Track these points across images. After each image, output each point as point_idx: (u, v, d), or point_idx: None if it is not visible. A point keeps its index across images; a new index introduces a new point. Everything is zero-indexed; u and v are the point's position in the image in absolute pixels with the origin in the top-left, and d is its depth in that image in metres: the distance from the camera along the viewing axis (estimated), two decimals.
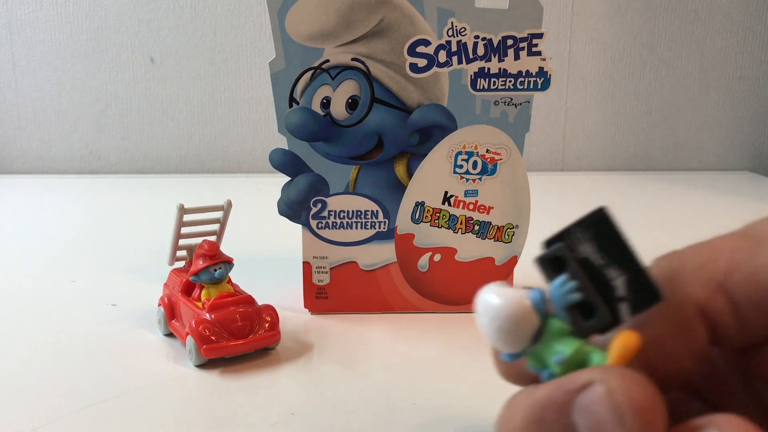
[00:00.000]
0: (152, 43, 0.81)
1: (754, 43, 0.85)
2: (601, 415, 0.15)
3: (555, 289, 0.17)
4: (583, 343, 0.17)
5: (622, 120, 0.86)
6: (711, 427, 0.15)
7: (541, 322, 0.18)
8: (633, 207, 0.69)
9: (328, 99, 0.37)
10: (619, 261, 0.17)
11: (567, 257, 0.17)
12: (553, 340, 0.17)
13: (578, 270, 0.17)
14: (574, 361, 0.17)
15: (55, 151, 0.84)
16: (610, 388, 0.15)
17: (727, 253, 0.17)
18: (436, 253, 0.39)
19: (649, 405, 0.15)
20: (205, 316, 0.33)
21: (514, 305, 0.17)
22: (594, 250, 0.17)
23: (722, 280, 0.17)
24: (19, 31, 0.81)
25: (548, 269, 0.18)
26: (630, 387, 0.15)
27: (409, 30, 0.36)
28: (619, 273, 0.17)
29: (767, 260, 0.16)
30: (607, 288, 0.17)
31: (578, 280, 0.17)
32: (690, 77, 0.85)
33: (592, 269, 0.17)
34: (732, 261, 0.17)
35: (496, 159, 0.38)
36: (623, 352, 0.16)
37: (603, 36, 0.83)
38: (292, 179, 0.38)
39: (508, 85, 0.37)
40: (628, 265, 0.17)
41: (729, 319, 0.17)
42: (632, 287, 0.17)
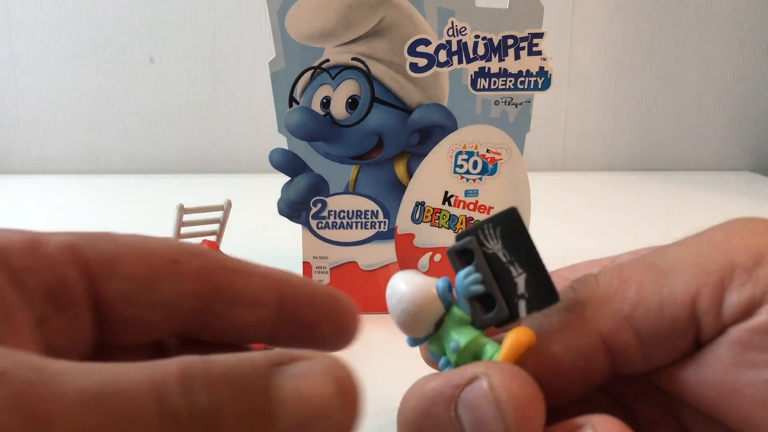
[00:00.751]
0: (152, 43, 0.81)
1: (754, 42, 0.85)
2: (482, 409, 0.16)
3: (459, 280, 0.18)
4: (480, 334, 0.18)
5: (622, 120, 0.86)
6: (587, 427, 0.16)
7: (444, 310, 0.18)
8: (633, 207, 0.69)
9: (328, 99, 0.36)
10: (522, 260, 0.18)
11: (475, 250, 0.18)
12: (452, 329, 0.18)
13: (484, 264, 0.18)
14: (468, 351, 0.18)
15: (54, 151, 0.84)
16: (492, 384, 0.16)
17: (634, 285, 0.17)
18: (437, 253, 0.39)
19: (529, 402, 0.16)
20: None
21: (419, 292, 0.18)
22: (501, 247, 0.18)
23: (629, 313, 0.17)
24: (19, 31, 0.80)
25: (457, 261, 0.19)
26: (511, 383, 0.16)
27: (410, 29, 0.36)
28: (522, 271, 0.18)
29: (671, 293, 0.17)
30: (509, 284, 0.18)
31: (482, 273, 0.18)
32: (690, 77, 0.85)
33: (497, 265, 0.18)
34: (638, 294, 0.17)
35: (497, 159, 0.38)
36: (515, 346, 0.17)
37: (603, 36, 0.83)
38: (292, 179, 0.38)
39: (508, 84, 0.37)
40: (530, 265, 0.18)
41: (634, 350, 0.18)
42: (532, 286, 0.18)
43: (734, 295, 0.17)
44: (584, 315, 0.18)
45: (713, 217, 0.46)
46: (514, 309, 0.18)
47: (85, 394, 0.12)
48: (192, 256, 0.19)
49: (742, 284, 0.17)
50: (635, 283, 0.17)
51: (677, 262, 0.17)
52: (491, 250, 0.18)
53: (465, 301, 0.18)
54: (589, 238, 0.57)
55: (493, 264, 0.18)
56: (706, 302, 0.17)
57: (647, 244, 0.23)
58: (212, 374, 0.13)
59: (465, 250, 0.18)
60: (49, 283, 0.17)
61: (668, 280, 0.17)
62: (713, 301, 0.17)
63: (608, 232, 0.59)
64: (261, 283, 0.19)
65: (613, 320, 0.17)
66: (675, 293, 0.17)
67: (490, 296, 0.18)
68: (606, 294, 0.18)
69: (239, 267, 0.19)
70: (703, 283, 0.17)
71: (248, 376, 0.14)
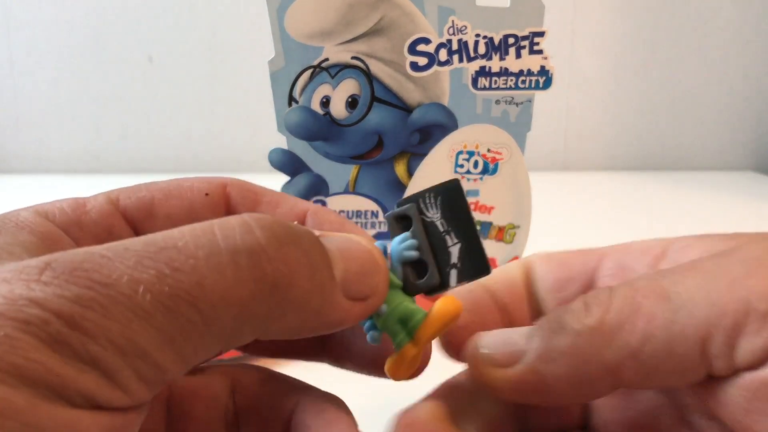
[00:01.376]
0: (150, 42, 0.81)
1: (756, 41, 0.85)
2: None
3: (395, 245, 0.18)
4: (410, 300, 0.18)
5: (623, 119, 0.86)
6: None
7: None
8: (634, 206, 0.69)
9: (328, 98, 0.36)
10: (459, 231, 0.18)
11: (414, 217, 0.18)
12: None
13: (421, 231, 0.18)
14: (394, 315, 0.18)
15: (53, 150, 0.84)
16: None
17: (644, 317, 0.17)
18: None
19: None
20: None
21: None
22: (440, 217, 0.18)
23: (636, 348, 0.16)
24: (17, 30, 0.80)
25: (395, 227, 0.19)
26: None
27: (410, 28, 0.35)
28: (457, 242, 0.18)
29: (682, 331, 0.16)
30: (444, 253, 0.18)
31: (418, 240, 0.18)
32: (692, 76, 0.85)
33: (434, 234, 0.18)
34: (648, 327, 0.17)
35: (497, 158, 0.38)
36: (440, 314, 0.17)
37: (605, 35, 0.83)
38: (292, 179, 0.38)
39: (509, 84, 0.36)
40: (466, 236, 0.18)
41: (639, 381, 0.17)
42: (465, 257, 0.18)
43: (748, 343, 0.16)
44: (591, 342, 0.17)
45: (715, 217, 0.45)
46: (445, 278, 0.18)
47: (137, 254, 0.14)
48: (222, 186, 0.21)
49: (756, 332, 0.16)
50: (646, 315, 0.17)
51: (691, 294, 0.17)
52: (430, 219, 0.18)
53: (398, 265, 0.18)
54: (590, 238, 0.57)
55: (430, 232, 0.18)
56: (717, 346, 0.16)
57: None
58: (267, 219, 0.15)
59: (404, 216, 0.19)
60: (98, 233, 0.18)
61: (680, 317, 0.16)
62: (725, 346, 0.16)
63: (609, 231, 0.59)
64: (288, 214, 0.21)
65: (618, 353, 0.17)
66: (686, 333, 0.16)
67: (423, 263, 0.18)
68: (615, 322, 0.17)
69: (269, 198, 0.21)
70: (715, 325, 0.16)
71: (300, 229, 0.16)
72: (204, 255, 0.14)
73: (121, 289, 0.13)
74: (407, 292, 0.18)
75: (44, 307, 0.12)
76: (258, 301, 0.14)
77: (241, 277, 0.14)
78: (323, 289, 0.16)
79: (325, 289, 0.16)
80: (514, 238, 0.39)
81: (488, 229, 0.39)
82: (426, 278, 0.18)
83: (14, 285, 0.13)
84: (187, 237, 0.14)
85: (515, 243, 0.39)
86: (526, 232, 0.39)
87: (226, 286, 0.14)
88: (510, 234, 0.39)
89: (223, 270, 0.14)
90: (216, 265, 0.14)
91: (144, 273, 0.13)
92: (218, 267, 0.14)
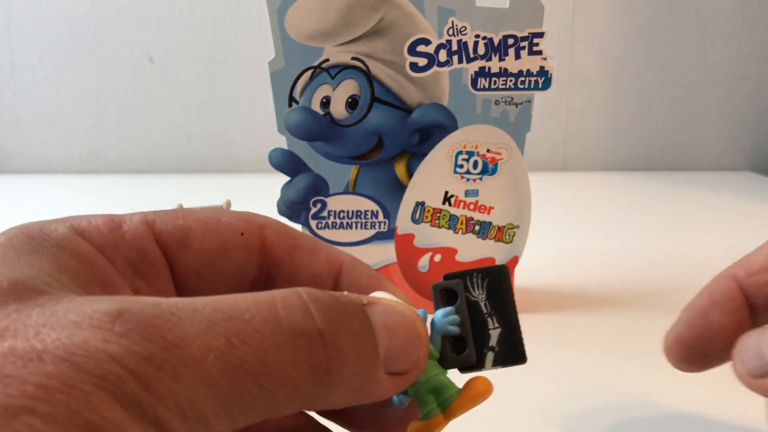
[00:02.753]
0: (151, 43, 0.81)
1: (755, 42, 0.85)
2: None
3: (438, 316, 0.19)
4: (443, 373, 0.19)
5: (623, 119, 0.86)
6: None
7: None
8: (633, 206, 0.69)
9: (328, 98, 0.36)
10: (501, 316, 0.18)
11: (460, 293, 0.19)
12: None
13: (464, 308, 0.19)
14: (428, 386, 0.18)
15: (53, 150, 0.84)
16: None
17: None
18: (437, 254, 0.39)
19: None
20: None
21: None
22: (485, 298, 0.19)
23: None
24: (18, 30, 0.80)
25: (439, 298, 0.19)
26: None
27: (410, 29, 0.35)
28: (498, 326, 0.18)
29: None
30: (483, 334, 0.19)
31: (461, 317, 0.19)
32: (691, 76, 0.85)
33: (477, 313, 0.19)
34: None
35: (497, 159, 0.38)
36: (472, 395, 0.18)
37: (604, 35, 0.83)
38: (292, 179, 0.38)
39: (508, 84, 0.36)
40: (507, 323, 0.18)
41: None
42: (503, 342, 0.18)
43: None
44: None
45: (714, 217, 0.45)
46: (481, 359, 0.18)
47: (207, 320, 0.14)
48: (259, 228, 0.20)
49: None
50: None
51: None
52: (474, 298, 0.19)
53: (438, 337, 0.19)
54: (589, 238, 0.57)
55: (473, 311, 0.19)
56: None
57: (647, 244, 0.23)
58: (322, 298, 0.16)
59: (450, 291, 0.19)
60: (132, 257, 0.18)
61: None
62: None
63: (608, 232, 0.59)
64: (322, 264, 0.21)
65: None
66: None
67: (462, 340, 0.19)
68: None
69: (305, 245, 0.21)
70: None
71: (350, 305, 0.16)
72: (269, 332, 0.14)
73: (192, 353, 0.13)
74: (442, 364, 0.19)
75: (121, 364, 0.13)
76: (310, 384, 0.15)
77: (298, 360, 0.15)
78: (368, 369, 0.16)
79: (369, 369, 0.16)
80: (513, 238, 0.39)
81: (488, 229, 0.39)
82: (463, 356, 0.18)
83: (88, 333, 0.13)
84: (253, 310, 0.15)
85: (515, 243, 0.39)
86: (526, 232, 0.39)
87: (285, 366, 0.14)
88: (509, 234, 0.39)
89: (284, 350, 0.14)
90: (278, 344, 0.14)
91: (214, 340, 0.14)
92: (280, 346, 0.14)
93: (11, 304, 0.14)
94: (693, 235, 0.56)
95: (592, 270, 0.44)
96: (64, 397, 0.12)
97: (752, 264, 0.22)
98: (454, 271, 0.19)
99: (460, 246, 0.39)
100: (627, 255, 0.51)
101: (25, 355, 0.12)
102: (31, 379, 0.12)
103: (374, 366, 0.16)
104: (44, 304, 0.14)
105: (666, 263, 0.48)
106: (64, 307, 0.14)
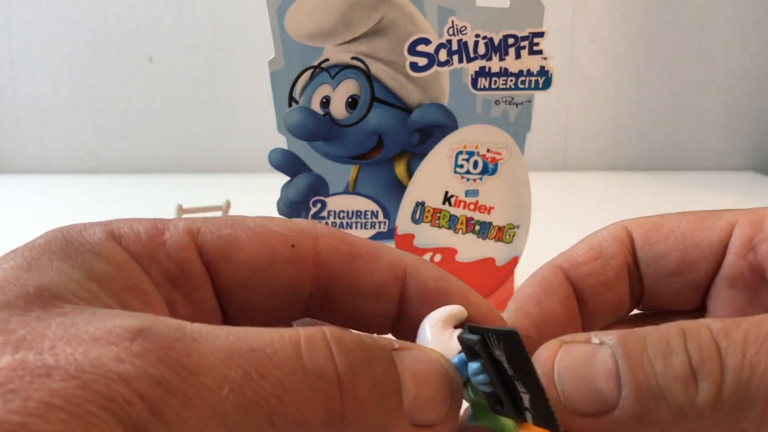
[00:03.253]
0: (151, 43, 0.81)
1: (756, 41, 0.85)
2: None
3: (471, 374, 0.17)
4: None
5: (623, 119, 0.86)
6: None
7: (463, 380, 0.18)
8: (634, 206, 0.69)
9: (328, 98, 0.36)
10: (526, 382, 0.16)
11: (480, 352, 0.17)
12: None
13: (490, 367, 0.17)
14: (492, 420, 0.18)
15: (53, 150, 0.84)
16: None
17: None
18: (437, 254, 0.39)
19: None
20: None
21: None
22: (506, 360, 0.16)
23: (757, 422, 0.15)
24: (17, 30, 0.80)
25: (465, 349, 0.18)
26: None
27: (410, 29, 0.35)
28: (526, 392, 0.16)
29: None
30: (516, 394, 0.17)
31: (489, 377, 0.17)
32: (692, 76, 0.85)
33: (504, 373, 0.17)
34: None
35: (497, 159, 0.38)
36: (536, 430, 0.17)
37: (604, 35, 0.83)
38: (292, 179, 0.38)
39: (509, 84, 0.36)
40: (534, 391, 0.16)
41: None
42: (535, 407, 0.16)
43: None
44: (700, 424, 0.15)
45: None
46: (521, 414, 0.17)
47: (228, 349, 0.14)
48: (314, 239, 0.19)
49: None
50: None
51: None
52: (498, 358, 0.17)
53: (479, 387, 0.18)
54: None
55: (500, 369, 0.17)
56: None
57: None
58: (346, 341, 0.15)
59: (471, 347, 0.17)
60: (170, 268, 0.18)
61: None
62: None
63: None
64: (384, 272, 0.19)
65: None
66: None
67: (496, 397, 0.17)
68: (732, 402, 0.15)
69: (363, 252, 0.19)
70: None
71: (376, 349, 0.16)
72: (289, 370, 0.14)
73: (207, 382, 0.13)
74: (490, 409, 0.18)
75: (131, 386, 0.12)
76: (324, 428, 0.14)
77: (314, 402, 0.14)
78: (388, 418, 0.15)
79: (390, 418, 0.15)
80: (513, 237, 0.39)
81: (488, 229, 0.39)
82: (504, 410, 0.17)
83: (104, 350, 0.13)
84: (277, 345, 0.14)
85: (515, 243, 0.39)
86: (526, 232, 0.39)
87: (301, 407, 0.14)
88: (509, 234, 0.39)
89: (301, 390, 0.14)
90: (296, 384, 0.14)
91: (232, 371, 0.13)
92: (297, 386, 0.14)
93: (34, 311, 0.14)
94: None
95: None
96: (65, 416, 0.12)
97: (575, 256, 0.22)
98: (474, 323, 0.17)
99: (460, 246, 0.39)
100: None
101: (34, 370, 0.12)
102: (34, 395, 0.12)
103: (395, 415, 0.15)
104: (67, 313, 0.14)
105: None
106: (86, 319, 0.13)
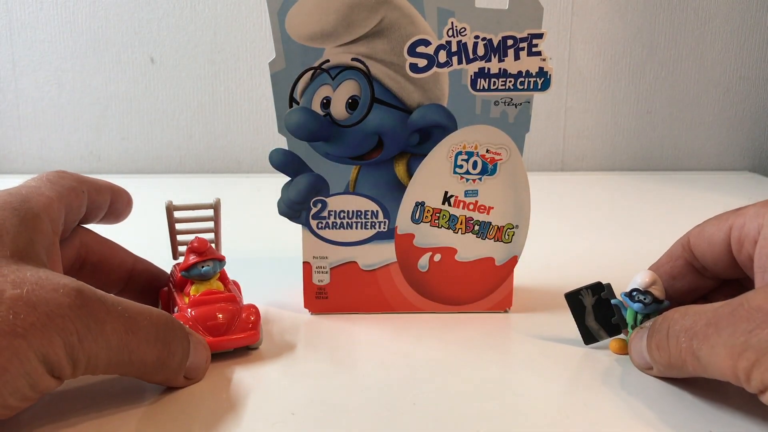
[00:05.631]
0: (152, 43, 0.81)
1: (754, 42, 0.85)
2: None
3: (639, 311, 0.34)
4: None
5: (622, 120, 0.86)
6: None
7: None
8: (633, 207, 0.69)
9: (328, 99, 0.37)
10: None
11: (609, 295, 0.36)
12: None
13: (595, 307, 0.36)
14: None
15: (55, 151, 0.84)
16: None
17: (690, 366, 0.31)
18: (436, 253, 0.39)
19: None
20: (187, 311, 0.33)
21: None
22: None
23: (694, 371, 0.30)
24: (19, 31, 0.81)
25: (571, 303, 0.36)
26: None
27: (409, 30, 0.36)
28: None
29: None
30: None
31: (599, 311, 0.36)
32: (690, 77, 0.85)
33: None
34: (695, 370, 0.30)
35: (496, 159, 0.38)
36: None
37: (603, 36, 0.83)
38: (292, 179, 0.38)
39: (508, 85, 0.37)
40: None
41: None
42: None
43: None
44: (669, 371, 0.32)
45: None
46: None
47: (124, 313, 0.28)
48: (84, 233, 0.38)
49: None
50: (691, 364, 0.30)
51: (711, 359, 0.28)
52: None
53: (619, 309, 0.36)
54: (589, 238, 0.57)
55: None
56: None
57: (647, 245, 0.23)
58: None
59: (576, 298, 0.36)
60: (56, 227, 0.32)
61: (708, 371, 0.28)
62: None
63: (608, 232, 0.60)
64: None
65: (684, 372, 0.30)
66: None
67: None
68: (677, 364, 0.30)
69: (110, 244, 0.39)
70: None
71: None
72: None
73: (106, 328, 0.27)
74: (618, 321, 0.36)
75: (70, 321, 0.26)
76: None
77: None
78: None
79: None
80: (512, 237, 0.39)
81: (487, 229, 0.39)
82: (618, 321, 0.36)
83: (61, 299, 0.26)
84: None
85: (514, 242, 0.39)
86: (525, 232, 0.39)
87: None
88: (509, 234, 0.39)
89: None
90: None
91: (121, 324, 0.28)
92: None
93: (13, 265, 0.27)
94: None
95: (591, 270, 0.44)
96: (35, 320, 0.25)
97: (660, 260, 0.36)
98: (569, 290, 0.36)
99: (459, 246, 0.39)
100: (626, 255, 0.51)
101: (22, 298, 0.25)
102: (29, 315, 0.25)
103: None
104: (31, 270, 0.27)
105: None
106: (45, 275, 0.27)
